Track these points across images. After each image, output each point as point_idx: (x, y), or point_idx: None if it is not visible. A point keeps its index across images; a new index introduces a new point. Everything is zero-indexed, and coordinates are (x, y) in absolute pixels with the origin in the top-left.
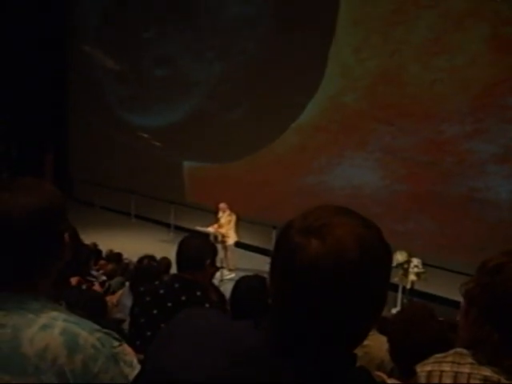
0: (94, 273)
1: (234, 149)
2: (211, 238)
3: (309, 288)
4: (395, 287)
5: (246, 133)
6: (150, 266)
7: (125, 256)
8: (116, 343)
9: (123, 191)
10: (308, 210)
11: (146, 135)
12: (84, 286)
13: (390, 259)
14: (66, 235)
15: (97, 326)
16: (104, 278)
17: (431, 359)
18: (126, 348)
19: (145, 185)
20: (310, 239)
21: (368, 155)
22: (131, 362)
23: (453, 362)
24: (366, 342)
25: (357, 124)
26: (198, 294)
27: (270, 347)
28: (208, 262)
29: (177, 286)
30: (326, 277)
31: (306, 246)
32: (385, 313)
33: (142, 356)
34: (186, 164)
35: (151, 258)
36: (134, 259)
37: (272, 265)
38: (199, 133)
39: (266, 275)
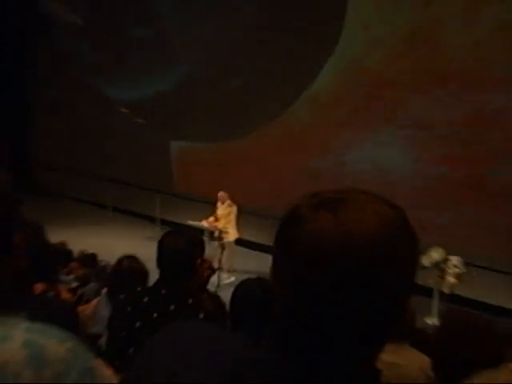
0: (64, 278)
1: (233, 126)
2: (205, 235)
3: (312, 270)
4: (429, 291)
5: (247, 106)
6: (131, 269)
7: (100, 257)
8: (91, 354)
9: (98, 179)
10: (318, 190)
11: (125, 110)
12: (51, 295)
13: (417, 247)
14: (17, 237)
15: (67, 334)
16: (75, 284)
17: (482, 376)
18: (103, 365)
19: (124, 171)
20: (319, 212)
21: (397, 131)
22: (110, 377)
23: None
24: (395, 360)
25: (383, 93)
26: (190, 301)
27: (272, 367)
28: (199, 261)
29: (164, 292)
30: (334, 256)
31: (314, 219)
32: (419, 323)
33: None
34: (175, 145)
35: (133, 259)
36: (112, 261)
37: (274, 256)
38: (190, 107)
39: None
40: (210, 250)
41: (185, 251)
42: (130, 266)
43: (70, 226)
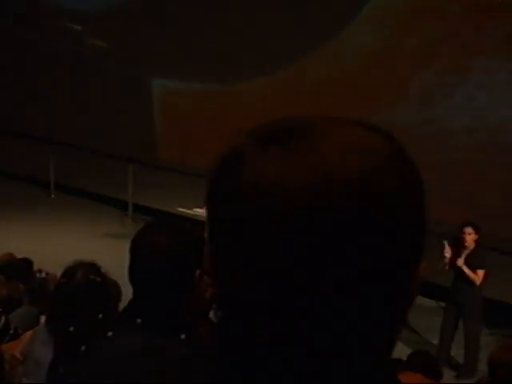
0: None
1: (251, 56)
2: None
3: (265, 235)
4: None
5: (274, 24)
6: (87, 285)
7: (37, 265)
8: None
9: (34, 140)
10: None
11: (78, 27)
12: None
13: (422, 193)
14: None
15: None
16: None
17: None
18: None
19: (75, 128)
20: (268, 147)
21: None
22: None
23: None
24: None
25: None
26: (182, 337)
27: None
28: (197, 272)
29: (140, 322)
30: (298, 213)
31: (259, 157)
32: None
33: None
34: (158, 85)
35: (90, 268)
36: (57, 271)
37: (208, 229)
38: (183, 20)
39: None
40: None
41: (174, 256)
42: (86, 281)
43: None
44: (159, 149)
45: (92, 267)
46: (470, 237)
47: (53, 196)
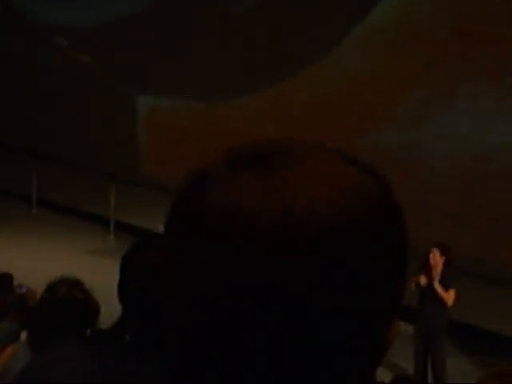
0: None
1: (238, 76)
2: None
3: (222, 265)
4: None
5: (261, 44)
6: (70, 301)
7: (19, 280)
8: None
9: (16, 154)
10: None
11: (65, 43)
12: None
13: (404, 238)
14: None
15: None
16: None
17: None
18: None
19: (59, 143)
20: (240, 172)
21: (507, 93)
22: None
23: None
24: None
25: (484, 26)
26: None
27: None
28: None
29: (128, 340)
30: (265, 244)
31: (231, 182)
32: None
33: None
34: (143, 102)
35: (73, 284)
36: (39, 287)
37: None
38: (169, 40)
39: None
40: None
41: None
42: (70, 296)
43: None
44: (143, 166)
45: (75, 283)
46: (435, 257)
47: (34, 210)
